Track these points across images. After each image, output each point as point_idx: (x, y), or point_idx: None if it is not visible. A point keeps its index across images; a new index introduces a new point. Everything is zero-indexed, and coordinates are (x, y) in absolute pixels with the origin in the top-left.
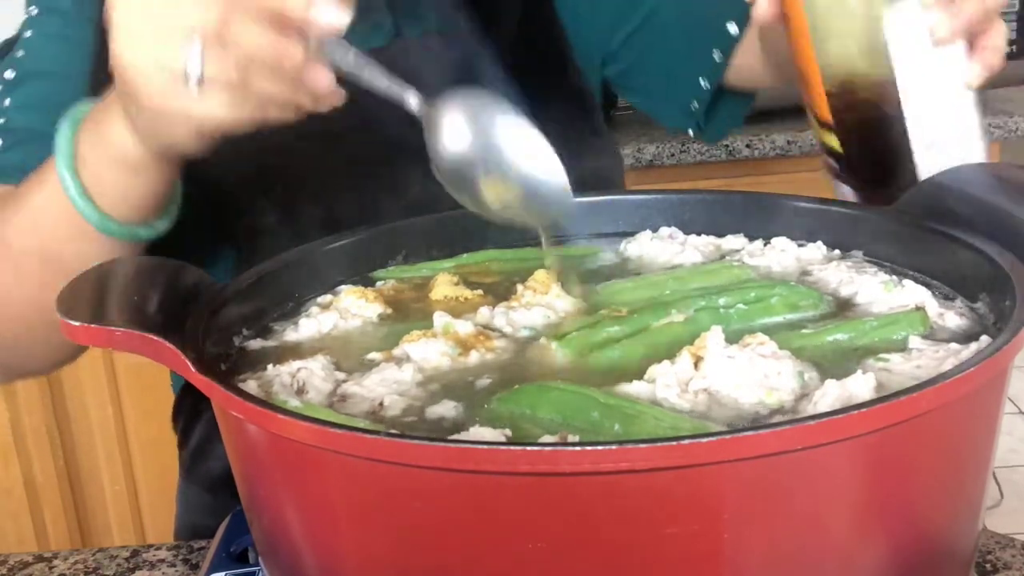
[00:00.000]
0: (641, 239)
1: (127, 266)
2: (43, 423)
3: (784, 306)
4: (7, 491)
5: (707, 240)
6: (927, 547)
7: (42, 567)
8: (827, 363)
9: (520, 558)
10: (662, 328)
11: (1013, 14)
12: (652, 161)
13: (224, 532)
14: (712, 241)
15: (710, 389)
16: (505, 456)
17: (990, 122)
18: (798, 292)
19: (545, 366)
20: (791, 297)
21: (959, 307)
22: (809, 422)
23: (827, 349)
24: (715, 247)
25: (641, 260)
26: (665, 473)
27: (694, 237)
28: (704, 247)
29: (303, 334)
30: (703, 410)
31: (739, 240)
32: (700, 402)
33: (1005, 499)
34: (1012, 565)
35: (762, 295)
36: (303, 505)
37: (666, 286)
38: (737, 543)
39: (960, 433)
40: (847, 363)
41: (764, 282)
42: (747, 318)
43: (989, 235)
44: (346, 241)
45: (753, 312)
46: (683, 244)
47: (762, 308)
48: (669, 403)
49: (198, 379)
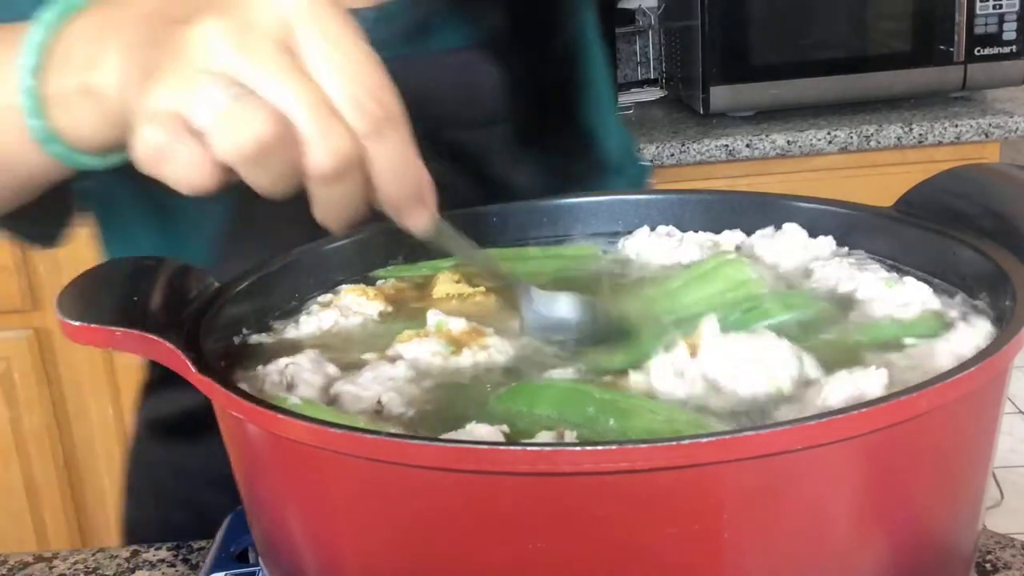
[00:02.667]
0: (638, 236)
1: (127, 266)
2: (43, 423)
3: (782, 307)
4: (7, 491)
5: (705, 237)
6: (927, 547)
7: (42, 567)
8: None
9: (520, 558)
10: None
11: (1013, 14)
12: (652, 161)
13: (224, 532)
14: (710, 238)
15: (707, 377)
16: (505, 456)
17: (990, 122)
18: (794, 298)
19: (539, 364)
20: (788, 300)
21: (960, 304)
22: (810, 422)
23: (839, 347)
24: (713, 243)
25: (639, 259)
26: (665, 473)
27: (691, 234)
28: (703, 243)
29: (303, 331)
30: (701, 399)
31: (736, 235)
32: (697, 391)
33: (1005, 499)
34: (1012, 565)
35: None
36: (303, 505)
37: (658, 304)
38: (737, 543)
39: (960, 433)
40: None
41: (757, 291)
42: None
43: (989, 235)
44: (346, 241)
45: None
46: (680, 241)
47: (760, 313)
48: (666, 393)
49: (198, 379)
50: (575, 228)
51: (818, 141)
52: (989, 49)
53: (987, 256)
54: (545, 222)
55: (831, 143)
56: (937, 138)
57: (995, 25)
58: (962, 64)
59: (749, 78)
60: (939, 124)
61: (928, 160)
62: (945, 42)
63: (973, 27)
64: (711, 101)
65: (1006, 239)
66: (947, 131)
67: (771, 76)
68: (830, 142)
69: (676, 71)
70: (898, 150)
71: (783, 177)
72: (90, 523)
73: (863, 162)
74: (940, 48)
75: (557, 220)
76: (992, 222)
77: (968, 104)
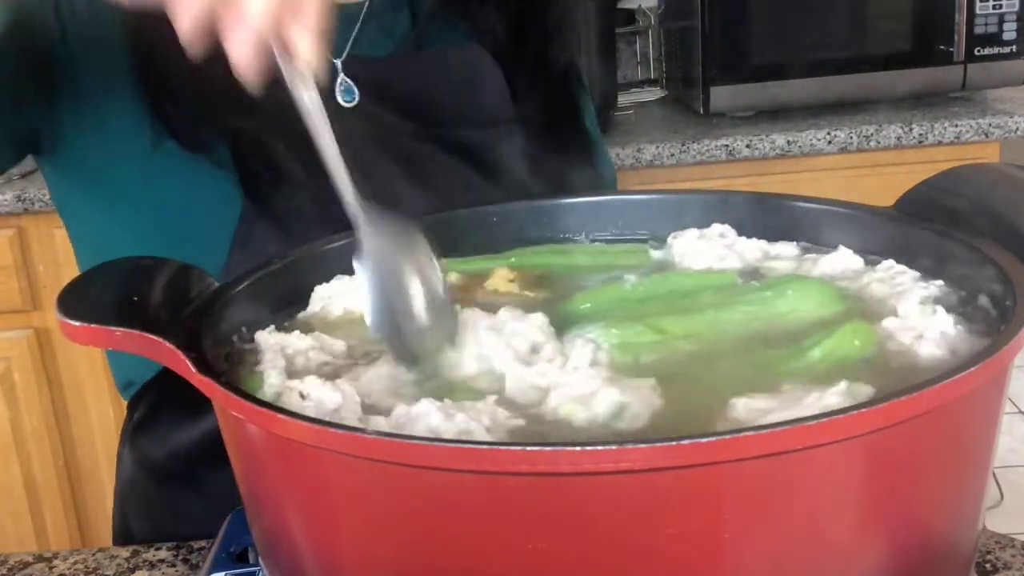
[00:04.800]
0: (687, 237)
1: (127, 266)
2: (43, 423)
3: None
4: (7, 491)
5: (755, 244)
6: (927, 547)
7: (42, 567)
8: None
9: (520, 558)
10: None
11: (1013, 14)
12: (652, 161)
13: (224, 532)
14: (761, 246)
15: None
16: (505, 456)
17: (990, 122)
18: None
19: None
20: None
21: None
22: (809, 422)
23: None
24: (763, 252)
25: (682, 262)
26: (665, 473)
27: (744, 240)
28: (751, 252)
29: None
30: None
31: (790, 247)
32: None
33: (1005, 499)
34: (1012, 565)
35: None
36: (303, 505)
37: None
38: (737, 543)
39: (960, 433)
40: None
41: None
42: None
43: (989, 235)
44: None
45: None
46: (730, 247)
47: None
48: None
49: (198, 379)
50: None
51: (818, 141)
52: (989, 49)
53: (987, 256)
54: (545, 222)
55: (831, 143)
56: (937, 138)
57: (995, 25)
58: (962, 64)
59: (749, 78)
60: (939, 124)
61: (928, 160)
62: (945, 42)
63: (973, 27)
64: (711, 101)
65: (1006, 239)
66: (947, 131)
67: (771, 76)
68: (830, 142)
69: (676, 71)
70: (898, 150)
71: (783, 177)
72: (90, 523)
73: (863, 162)
74: (940, 48)
75: (557, 220)
76: (992, 222)
77: (968, 104)
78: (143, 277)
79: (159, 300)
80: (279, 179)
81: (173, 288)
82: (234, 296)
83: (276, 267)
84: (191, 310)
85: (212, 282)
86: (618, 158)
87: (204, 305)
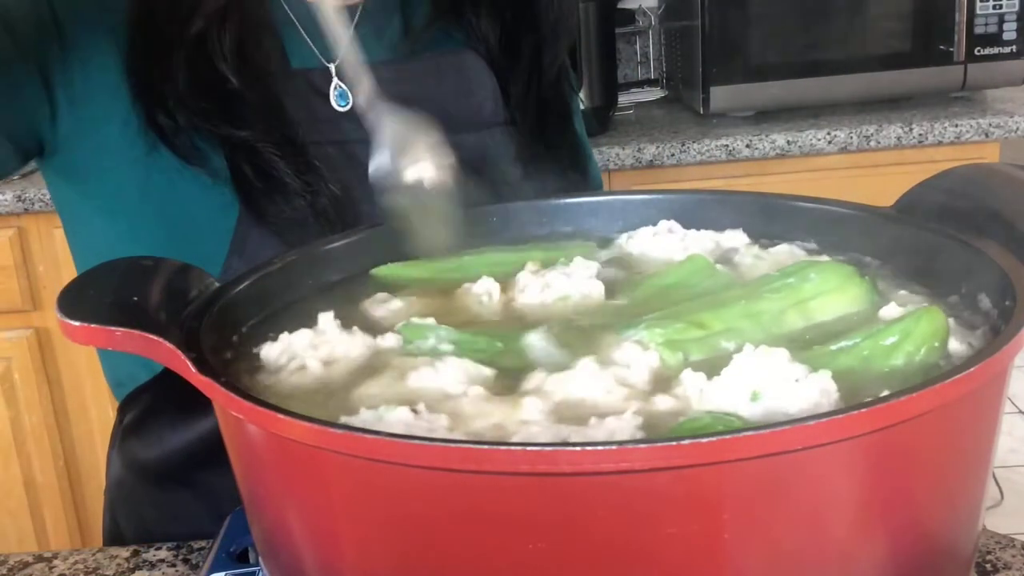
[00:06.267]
0: (641, 235)
1: (127, 266)
2: (43, 423)
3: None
4: (7, 491)
5: (706, 235)
6: (927, 547)
7: (42, 567)
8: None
9: (520, 558)
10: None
11: (1013, 14)
12: (652, 161)
13: (224, 532)
14: (712, 236)
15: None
16: (505, 456)
17: (990, 122)
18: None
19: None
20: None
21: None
22: (809, 422)
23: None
24: (715, 243)
25: (643, 258)
26: (665, 473)
27: (694, 232)
28: (704, 242)
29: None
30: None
31: (738, 236)
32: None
33: (1005, 499)
34: (1012, 565)
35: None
36: (303, 505)
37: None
38: (737, 543)
39: (960, 433)
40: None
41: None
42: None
43: (989, 235)
44: (347, 241)
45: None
46: (683, 239)
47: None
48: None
49: (198, 379)
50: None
51: (818, 141)
52: (989, 49)
53: (987, 256)
54: (545, 222)
55: (831, 143)
56: (937, 138)
57: (995, 25)
58: (962, 64)
59: (749, 78)
60: (939, 124)
61: (928, 160)
62: (945, 42)
63: (973, 27)
64: (711, 101)
65: (1006, 239)
66: (947, 131)
67: (771, 76)
68: (830, 142)
69: (676, 71)
70: (898, 150)
71: (783, 177)
72: (90, 523)
73: (863, 162)
74: (940, 48)
75: (557, 220)
76: (991, 222)
77: (968, 104)
78: (143, 277)
79: (159, 300)
80: (274, 188)
81: (173, 288)
82: (235, 295)
83: (276, 267)
84: (191, 310)
85: (212, 282)
86: (618, 158)
87: (204, 305)
